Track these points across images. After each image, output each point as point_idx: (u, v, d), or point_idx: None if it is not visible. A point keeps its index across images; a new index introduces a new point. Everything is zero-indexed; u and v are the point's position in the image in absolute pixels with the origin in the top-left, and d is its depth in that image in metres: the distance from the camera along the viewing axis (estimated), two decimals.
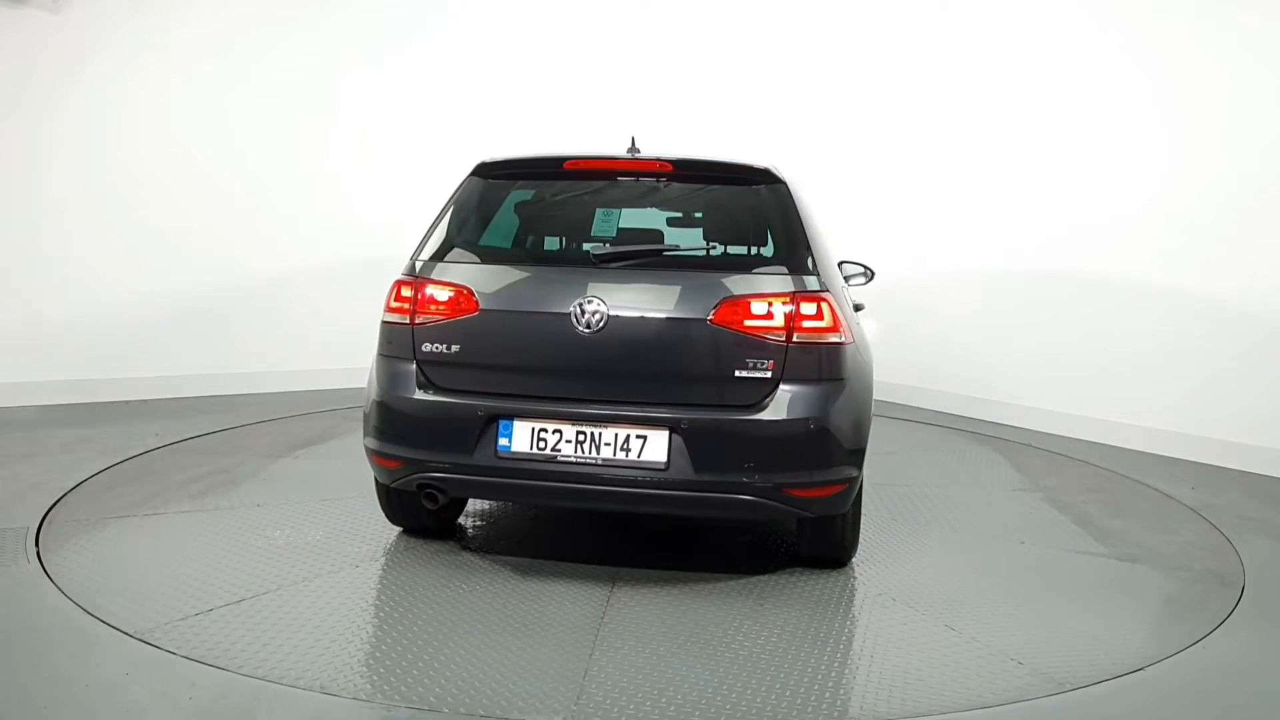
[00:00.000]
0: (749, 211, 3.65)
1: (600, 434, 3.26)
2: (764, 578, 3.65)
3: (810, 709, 2.64)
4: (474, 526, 4.20)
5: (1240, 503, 5.09)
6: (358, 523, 4.09)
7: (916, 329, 7.77)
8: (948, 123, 7.54)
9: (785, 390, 3.26)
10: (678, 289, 3.32)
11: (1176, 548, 4.20)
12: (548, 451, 3.28)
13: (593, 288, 3.31)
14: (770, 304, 3.27)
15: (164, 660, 2.76)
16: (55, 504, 4.20)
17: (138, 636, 2.93)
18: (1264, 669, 3.13)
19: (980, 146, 7.31)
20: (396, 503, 3.83)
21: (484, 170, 3.74)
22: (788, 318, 3.26)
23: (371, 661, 2.86)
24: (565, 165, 3.62)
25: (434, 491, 3.48)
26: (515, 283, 3.46)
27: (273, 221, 7.23)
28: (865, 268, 5.54)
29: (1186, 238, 6.04)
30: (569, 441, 3.27)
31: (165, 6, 6.72)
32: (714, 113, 8.34)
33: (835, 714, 2.62)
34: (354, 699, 2.61)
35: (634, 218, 3.78)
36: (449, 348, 3.41)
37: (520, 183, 3.77)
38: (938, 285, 7.61)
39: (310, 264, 7.22)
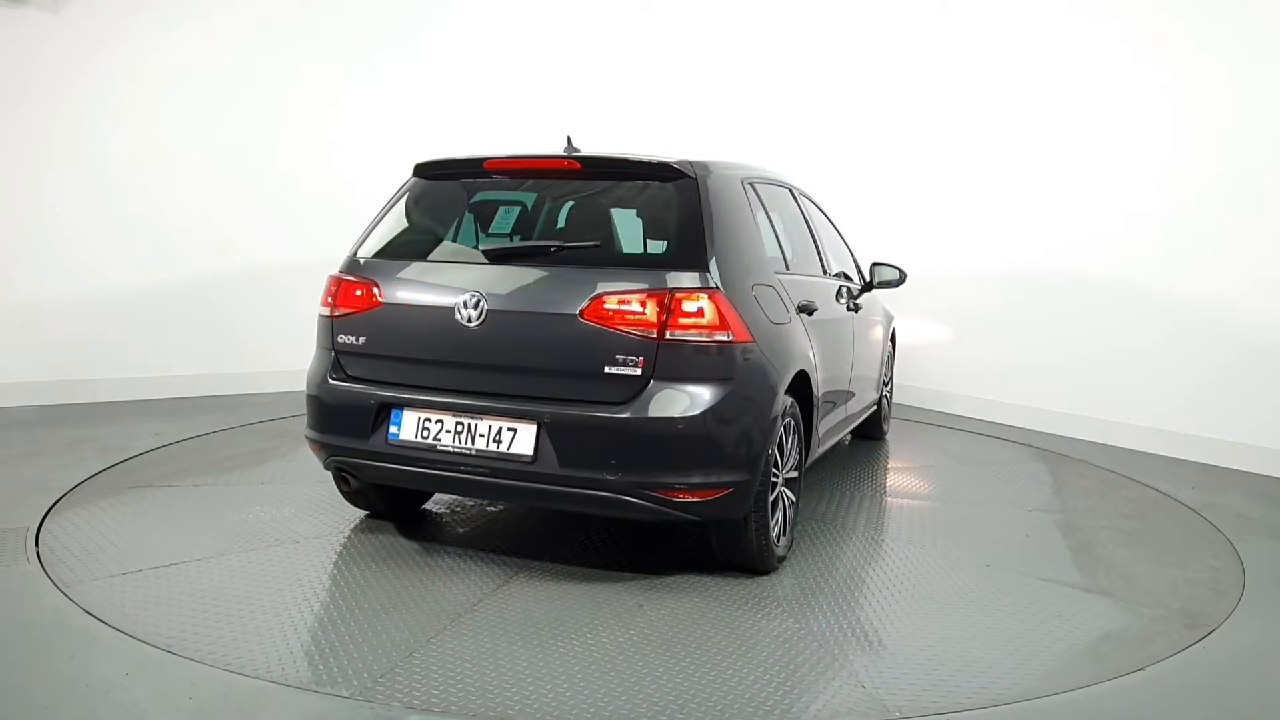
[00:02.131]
0: (654, 208, 3.60)
1: (476, 425, 3.34)
2: (665, 578, 3.58)
3: (605, 713, 2.59)
4: (437, 514, 4.36)
5: (1240, 503, 5.04)
6: (329, 504, 4.31)
7: (922, 332, 7.71)
8: (950, 127, 7.39)
9: (656, 388, 3.20)
10: (557, 285, 3.34)
11: (1166, 584, 3.74)
12: (429, 440, 3.39)
13: (477, 283, 3.39)
14: (644, 301, 3.21)
15: (164, 660, 2.79)
16: (55, 504, 4.25)
17: (60, 587, 3.29)
18: (1264, 669, 3.09)
19: (984, 150, 7.16)
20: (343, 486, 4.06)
21: (421, 170, 3.91)
22: (660, 314, 3.20)
23: (224, 626, 3.03)
24: (485, 165, 3.72)
25: (346, 474, 3.68)
26: (414, 278, 3.59)
27: (273, 221, 7.24)
28: (898, 270, 5.34)
29: (1190, 240, 5.95)
30: (449, 431, 3.37)
31: (165, 6, 6.75)
32: (718, 116, 8.27)
33: (619, 717, 2.57)
34: (352, 699, 2.61)
35: (551, 215, 3.81)
36: (357, 339, 3.60)
37: (450, 182, 3.89)
38: (940, 288, 7.42)
39: (311, 263, 7.11)
